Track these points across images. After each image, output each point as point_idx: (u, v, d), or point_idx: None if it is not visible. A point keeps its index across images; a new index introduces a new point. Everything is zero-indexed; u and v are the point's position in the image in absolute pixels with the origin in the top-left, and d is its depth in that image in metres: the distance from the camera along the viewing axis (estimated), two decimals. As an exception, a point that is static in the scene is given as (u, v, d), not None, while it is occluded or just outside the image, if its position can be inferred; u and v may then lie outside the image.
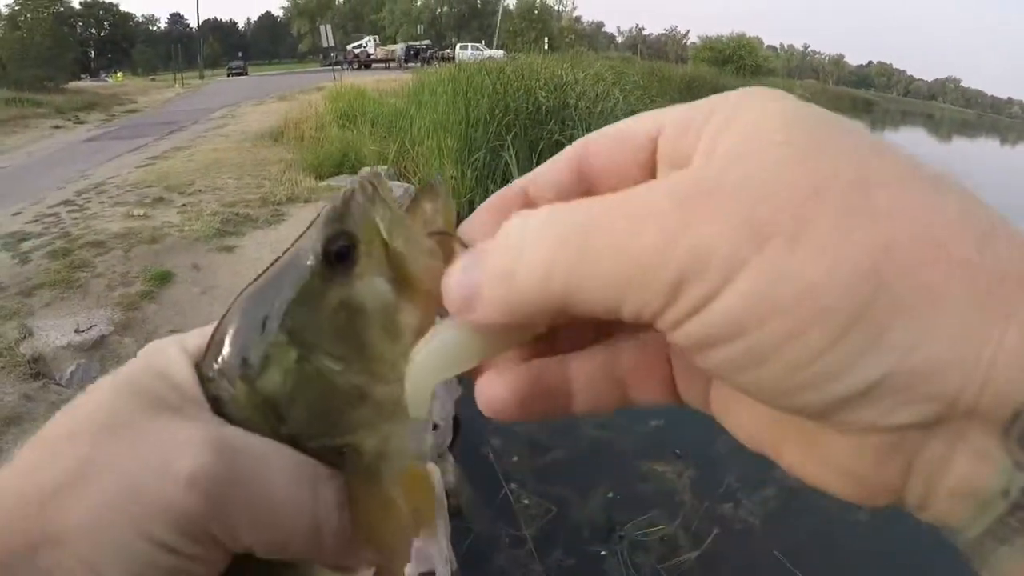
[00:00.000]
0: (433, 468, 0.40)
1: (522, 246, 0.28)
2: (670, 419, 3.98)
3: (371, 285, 0.35)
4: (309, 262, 0.36)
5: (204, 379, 0.36)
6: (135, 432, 0.33)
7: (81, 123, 19.03)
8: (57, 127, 18.02)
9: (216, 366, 0.36)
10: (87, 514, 0.31)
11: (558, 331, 0.35)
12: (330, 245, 0.35)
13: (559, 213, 0.28)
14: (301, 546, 0.35)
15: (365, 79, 18.47)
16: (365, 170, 0.37)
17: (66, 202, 7.76)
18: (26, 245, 6.11)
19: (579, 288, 0.26)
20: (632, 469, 3.76)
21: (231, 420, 0.35)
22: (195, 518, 0.31)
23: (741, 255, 0.23)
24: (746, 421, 0.31)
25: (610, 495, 3.56)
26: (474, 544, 3.18)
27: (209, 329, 0.39)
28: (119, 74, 55.28)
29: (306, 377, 0.35)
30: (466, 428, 4.02)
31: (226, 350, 0.37)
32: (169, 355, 0.37)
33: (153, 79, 52.31)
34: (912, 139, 38.03)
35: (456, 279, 0.31)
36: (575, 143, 0.35)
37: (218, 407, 0.36)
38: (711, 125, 0.28)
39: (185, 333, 0.39)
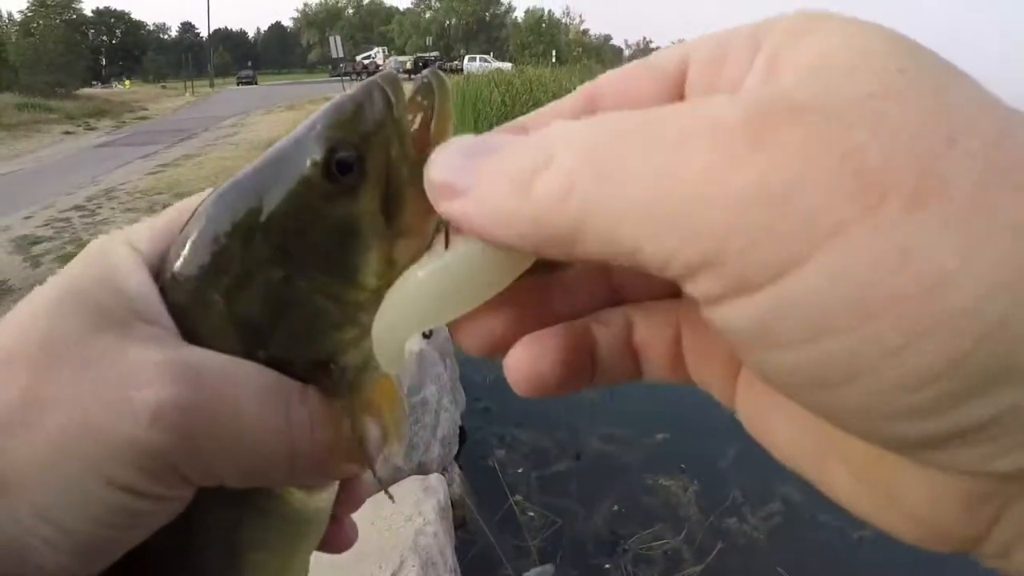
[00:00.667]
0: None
1: (553, 150, 0.21)
2: (675, 433, 3.97)
3: (370, 207, 0.30)
4: (306, 168, 0.30)
5: (165, 285, 0.32)
6: (83, 356, 0.28)
7: (92, 129, 19.13)
8: (68, 133, 18.12)
9: (184, 274, 0.32)
10: (35, 456, 0.27)
11: (552, 281, 0.29)
12: (334, 153, 0.30)
13: (608, 118, 0.21)
14: (276, 471, 0.32)
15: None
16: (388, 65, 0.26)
17: (77, 207, 7.82)
18: (37, 249, 6.16)
19: (594, 213, 0.20)
20: (637, 482, 3.74)
21: (196, 334, 0.31)
22: (160, 455, 0.28)
23: (836, 212, 0.16)
24: (784, 429, 0.25)
25: (615, 508, 3.55)
26: (478, 554, 3.18)
27: (163, 223, 0.34)
28: (127, 81, 55.48)
29: (290, 298, 0.31)
30: (471, 440, 4.02)
31: (198, 257, 0.32)
32: (118, 258, 0.31)
33: (164, 87, 52.59)
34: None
35: (448, 160, 0.24)
36: (587, 83, 0.28)
37: (181, 319, 0.31)
38: (769, 42, 0.22)
39: (131, 227, 0.34)
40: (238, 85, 50.52)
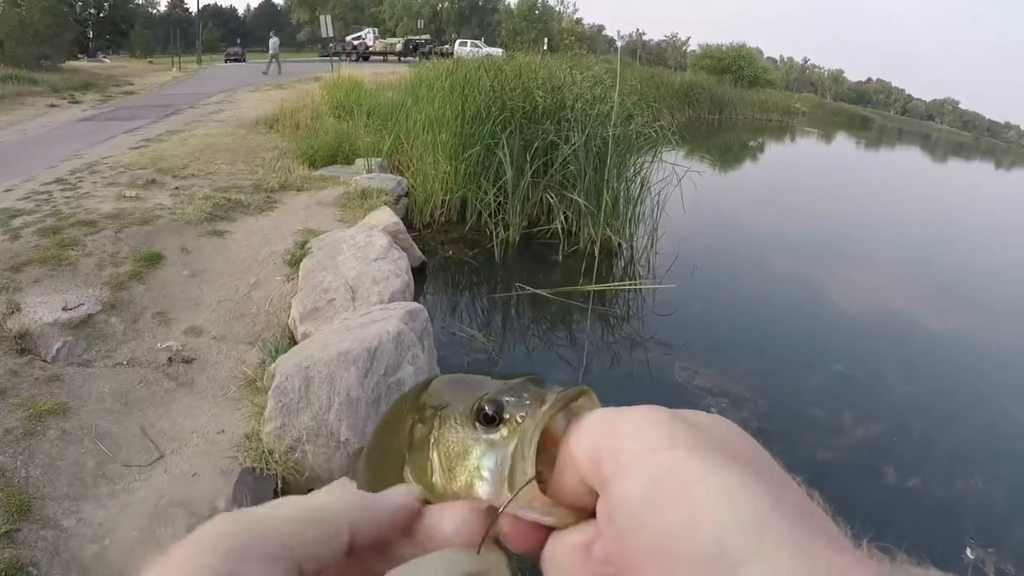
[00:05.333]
0: None
1: None
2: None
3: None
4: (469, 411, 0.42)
5: None
6: None
7: (77, 103, 18.90)
8: (52, 106, 17.89)
9: None
10: None
11: None
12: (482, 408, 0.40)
13: None
14: None
15: (363, 71, 18.48)
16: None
17: (58, 180, 7.76)
18: (17, 222, 6.12)
19: None
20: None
21: None
22: None
23: None
24: None
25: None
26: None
27: None
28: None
29: None
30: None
31: None
32: None
33: (151, 62, 51.82)
34: (909, 158, 38.19)
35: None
36: None
37: None
38: None
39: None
40: (226, 62, 49.84)
